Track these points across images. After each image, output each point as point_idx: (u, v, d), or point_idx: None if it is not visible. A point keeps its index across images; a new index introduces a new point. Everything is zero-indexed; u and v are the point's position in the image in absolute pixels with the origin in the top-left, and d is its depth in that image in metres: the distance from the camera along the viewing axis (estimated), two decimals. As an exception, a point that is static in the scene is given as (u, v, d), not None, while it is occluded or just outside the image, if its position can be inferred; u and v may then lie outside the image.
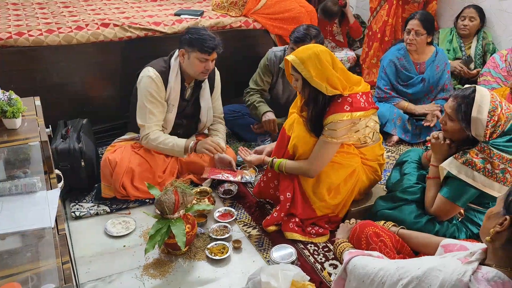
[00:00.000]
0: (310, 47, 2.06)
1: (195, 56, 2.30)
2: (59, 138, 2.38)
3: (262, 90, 2.96)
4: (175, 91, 2.40)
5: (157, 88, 2.36)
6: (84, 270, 1.96)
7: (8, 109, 1.62)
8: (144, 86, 2.36)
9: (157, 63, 2.42)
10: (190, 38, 2.30)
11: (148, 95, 2.36)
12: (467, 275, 1.17)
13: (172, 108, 2.44)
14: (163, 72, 2.39)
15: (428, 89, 3.18)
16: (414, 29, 3.02)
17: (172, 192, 1.93)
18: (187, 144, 2.40)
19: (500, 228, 1.18)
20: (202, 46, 2.28)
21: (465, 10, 3.61)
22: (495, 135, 1.80)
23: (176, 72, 2.39)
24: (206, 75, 2.41)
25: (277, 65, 2.85)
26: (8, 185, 1.41)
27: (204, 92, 2.52)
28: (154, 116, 2.39)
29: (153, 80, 2.35)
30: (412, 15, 3.10)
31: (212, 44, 2.29)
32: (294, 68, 2.03)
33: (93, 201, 2.37)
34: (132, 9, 3.30)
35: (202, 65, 2.33)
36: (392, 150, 3.04)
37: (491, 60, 3.24)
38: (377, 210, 2.06)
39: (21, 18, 2.93)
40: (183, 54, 2.35)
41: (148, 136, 2.39)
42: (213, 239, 2.13)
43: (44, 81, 2.71)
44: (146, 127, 2.39)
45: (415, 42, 3.05)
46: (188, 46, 2.31)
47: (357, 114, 2.01)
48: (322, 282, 1.89)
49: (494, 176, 1.79)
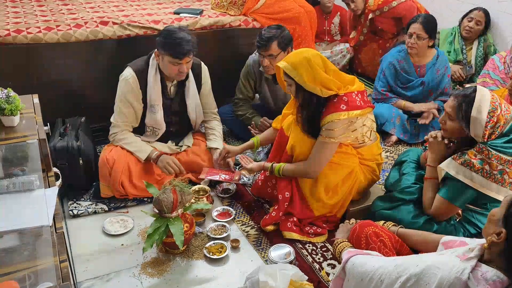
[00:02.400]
0: (301, 51, 2.04)
1: (168, 59, 2.27)
2: (58, 136, 2.37)
3: (248, 98, 2.94)
4: (155, 90, 2.38)
5: (131, 90, 2.35)
6: (82, 269, 1.95)
7: (6, 106, 1.61)
8: (119, 86, 2.38)
9: (136, 62, 2.41)
10: (162, 41, 2.26)
11: (121, 95, 2.37)
12: (465, 273, 1.17)
13: (157, 108, 2.41)
14: (141, 71, 2.36)
15: (427, 92, 3.17)
16: (416, 33, 2.98)
17: (170, 191, 1.93)
18: (151, 154, 2.38)
19: (497, 239, 1.18)
20: (173, 51, 2.23)
21: (473, 11, 3.57)
22: (493, 136, 1.80)
23: (155, 71, 2.36)
24: (183, 76, 2.38)
25: (257, 69, 2.82)
26: (6, 183, 1.41)
27: (188, 89, 2.48)
28: (124, 115, 2.40)
29: (128, 81, 2.34)
30: (414, 18, 3.05)
31: (184, 50, 2.23)
32: (286, 74, 2.02)
33: (91, 199, 2.37)
34: (131, 7, 3.29)
35: (176, 68, 2.29)
36: (391, 150, 3.04)
37: (490, 62, 3.23)
38: (375, 210, 2.06)
39: (19, 15, 2.92)
40: (157, 55, 2.33)
41: (116, 135, 2.41)
42: (211, 238, 2.13)
43: (43, 78, 2.70)
44: (116, 125, 2.41)
45: (416, 46, 3.01)
46: (161, 49, 2.27)
47: (354, 113, 2.01)
48: (320, 282, 1.89)
49: (492, 177, 1.79)
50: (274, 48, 2.56)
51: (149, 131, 2.49)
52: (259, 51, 2.64)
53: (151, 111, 2.42)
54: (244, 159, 2.41)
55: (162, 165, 2.37)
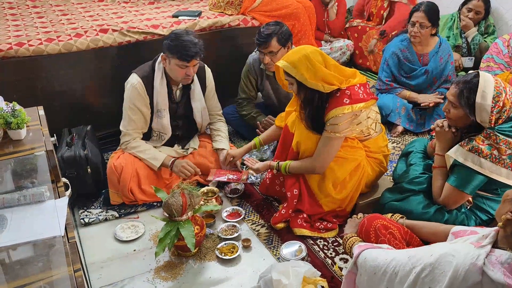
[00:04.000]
0: (299, 49, 2.03)
1: (175, 62, 2.27)
2: (65, 146, 2.39)
3: (251, 97, 2.93)
4: (161, 95, 2.39)
5: (138, 96, 2.35)
6: (96, 276, 1.97)
7: (12, 120, 1.63)
8: (127, 93, 2.38)
9: (141, 68, 2.41)
10: (170, 44, 2.27)
11: (129, 102, 2.37)
12: (480, 259, 1.17)
13: (164, 113, 2.42)
14: (147, 77, 2.37)
15: (431, 81, 3.15)
16: (419, 21, 2.95)
17: (179, 194, 1.94)
18: (166, 161, 2.40)
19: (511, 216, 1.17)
20: (181, 54, 2.24)
21: (472, 1, 3.54)
22: (500, 121, 1.78)
23: (161, 75, 2.37)
24: (189, 80, 2.38)
25: (258, 67, 2.81)
26: (17, 195, 1.42)
27: (194, 93, 2.49)
28: (133, 123, 2.40)
29: (135, 87, 2.34)
30: (416, 6, 3.02)
31: (192, 52, 2.24)
32: (287, 73, 2.02)
33: (101, 206, 2.39)
34: (130, 13, 3.30)
35: (183, 71, 2.30)
36: (397, 141, 3.03)
37: (493, 46, 3.20)
38: (385, 202, 2.06)
39: (20, 28, 2.94)
40: (164, 58, 2.33)
41: (129, 143, 2.41)
42: (223, 239, 2.13)
43: (46, 90, 2.71)
44: (127, 133, 2.41)
45: (419, 35, 2.99)
46: (169, 52, 2.28)
47: (358, 106, 2.00)
48: (333, 277, 1.89)
49: (501, 162, 1.78)
50: (274, 45, 2.56)
51: (156, 136, 2.50)
52: (259, 49, 2.63)
53: (158, 116, 2.43)
54: (249, 161, 2.41)
55: (178, 170, 2.38)
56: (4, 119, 1.63)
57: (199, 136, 2.67)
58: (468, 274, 1.17)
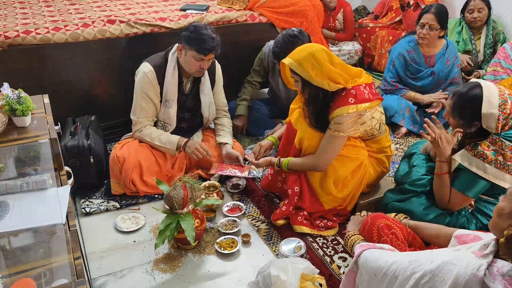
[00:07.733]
0: (305, 47, 2.03)
1: (192, 54, 2.28)
2: (68, 135, 2.40)
3: (255, 82, 2.98)
4: (172, 85, 2.39)
5: (150, 84, 2.36)
6: (96, 266, 1.98)
7: (17, 107, 1.63)
8: (138, 81, 2.39)
9: (153, 58, 2.42)
10: (189, 36, 2.28)
11: (140, 91, 2.38)
12: (482, 269, 1.16)
13: (172, 103, 2.43)
14: (159, 66, 2.38)
15: (437, 82, 3.14)
16: (429, 23, 2.94)
17: (181, 188, 1.94)
18: (180, 142, 2.41)
19: None
20: (199, 47, 2.25)
21: (471, 2, 3.54)
22: (507, 127, 1.78)
23: (174, 66, 2.38)
24: (202, 73, 2.40)
25: (271, 58, 2.78)
26: (19, 182, 1.43)
27: (204, 86, 2.50)
28: (145, 111, 2.41)
29: (146, 75, 2.35)
30: (426, 8, 3.02)
31: (210, 46, 2.26)
32: (293, 71, 2.02)
33: (103, 197, 2.40)
34: (138, 5, 3.30)
35: (198, 64, 2.31)
36: (401, 142, 3.02)
37: (501, 51, 3.18)
38: (387, 203, 2.05)
39: (28, 16, 2.94)
40: (180, 49, 2.34)
41: (142, 131, 2.42)
42: (222, 233, 2.14)
43: (52, 78, 2.72)
44: (138, 122, 2.42)
45: (428, 37, 2.98)
46: (186, 43, 2.29)
47: (363, 106, 2.00)
48: (331, 275, 1.90)
49: (506, 168, 1.78)
50: None
51: (160, 126, 2.51)
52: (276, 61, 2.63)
53: (166, 106, 2.44)
54: (251, 156, 2.41)
55: (191, 151, 2.40)
56: (10, 106, 1.64)
57: (203, 131, 2.68)
58: (468, 284, 1.16)
